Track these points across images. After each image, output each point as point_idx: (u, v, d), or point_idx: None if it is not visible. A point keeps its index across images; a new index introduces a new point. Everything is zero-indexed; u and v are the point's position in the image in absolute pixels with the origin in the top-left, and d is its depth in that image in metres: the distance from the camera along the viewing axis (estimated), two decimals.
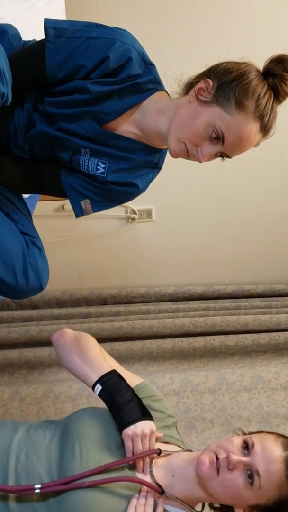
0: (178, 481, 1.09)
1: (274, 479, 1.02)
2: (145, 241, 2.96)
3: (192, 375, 2.27)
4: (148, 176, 1.37)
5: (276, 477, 1.02)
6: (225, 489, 1.03)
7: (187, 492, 1.08)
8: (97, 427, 1.10)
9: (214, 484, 1.03)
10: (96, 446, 1.06)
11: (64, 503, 0.99)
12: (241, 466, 1.03)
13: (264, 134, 1.17)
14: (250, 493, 1.02)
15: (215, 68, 1.18)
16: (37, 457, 1.06)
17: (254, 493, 1.02)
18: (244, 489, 1.02)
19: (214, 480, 1.03)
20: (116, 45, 1.17)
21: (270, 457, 1.03)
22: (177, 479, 1.09)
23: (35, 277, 1.35)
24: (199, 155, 1.17)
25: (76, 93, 1.23)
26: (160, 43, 2.51)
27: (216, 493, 1.05)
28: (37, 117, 1.30)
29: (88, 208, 1.40)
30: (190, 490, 1.08)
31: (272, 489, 1.02)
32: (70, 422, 1.13)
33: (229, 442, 1.07)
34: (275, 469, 1.02)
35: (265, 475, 1.01)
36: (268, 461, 1.02)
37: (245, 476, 1.02)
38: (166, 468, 1.11)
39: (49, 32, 1.19)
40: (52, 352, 2.39)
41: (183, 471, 1.09)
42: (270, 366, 2.34)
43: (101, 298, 2.87)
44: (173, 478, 1.09)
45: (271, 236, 2.97)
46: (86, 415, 1.14)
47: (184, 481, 1.08)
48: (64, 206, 2.75)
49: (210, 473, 1.03)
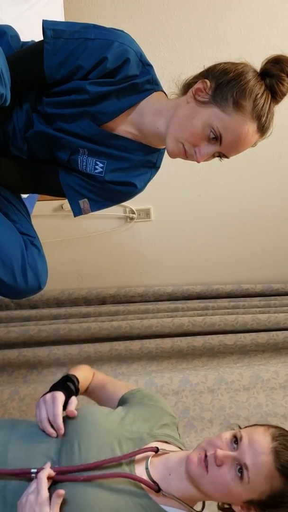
0: (174, 479, 1.08)
1: (263, 472, 0.99)
2: (143, 240, 2.96)
3: (191, 375, 2.27)
4: (146, 176, 1.38)
5: (265, 469, 0.99)
6: (215, 486, 1.01)
7: (183, 490, 1.07)
8: (96, 424, 1.11)
9: (204, 482, 1.02)
10: (95, 443, 1.07)
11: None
12: (229, 461, 1.01)
13: (261, 134, 1.18)
14: (241, 488, 1.00)
15: (213, 68, 1.19)
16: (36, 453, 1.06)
17: (245, 487, 0.99)
18: (234, 485, 1.00)
19: (204, 477, 1.01)
20: (114, 46, 1.17)
21: (258, 449, 1.00)
22: (173, 477, 1.08)
23: (34, 277, 1.36)
24: (197, 155, 1.18)
25: (74, 94, 1.23)
26: (158, 43, 2.52)
27: (208, 490, 1.03)
28: (36, 118, 1.31)
29: (87, 208, 1.41)
30: (185, 488, 1.07)
31: (262, 482, 0.99)
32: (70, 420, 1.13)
33: (218, 438, 1.06)
34: (262, 461, 0.99)
35: (253, 468, 0.98)
36: (255, 453, 0.99)
37: (234, 471, 1.00)
38: (163, 466, 1.10)
39: (47, 33, 1.19)
40: (51, 352, 2.40)
41: (178, 469, 1.08)
42: (269, 366, 2.34)
43: (100, 298, 2.88)
44: (169, 477, 1.08)
45: (270, 236, 2.97)
46: (86, 413, 1.14)
47: (179, 480, 1.07)
48: (62, 206, 2.75)
49: (199, 471, 1.02)
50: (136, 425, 1.15)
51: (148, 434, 1.14)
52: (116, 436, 1.10)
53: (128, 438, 1.11)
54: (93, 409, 1.17)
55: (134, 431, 1.13)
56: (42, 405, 1.13)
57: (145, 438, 1.13)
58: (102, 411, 1.17)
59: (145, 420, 1.18)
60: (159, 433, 1.17)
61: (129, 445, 1.10)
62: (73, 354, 2.40)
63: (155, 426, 1.18)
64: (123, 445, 1.09)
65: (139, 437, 1.13)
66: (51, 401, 1.13)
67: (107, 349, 2.43)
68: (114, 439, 1.09)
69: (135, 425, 1.15)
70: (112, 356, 2.44)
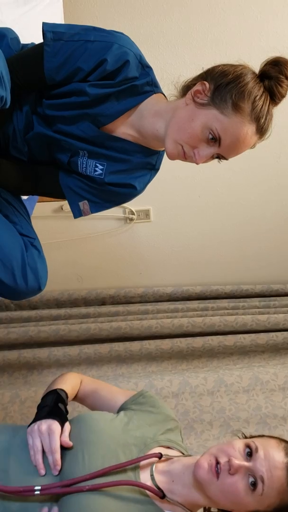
0: (178, 486, 1.08)
1: (276, 486, 1.00)
2: (143, 241, 2.96)
3: (191, 377, 2.27)
4: (146, 178, 1.38)
5: (279, 484, 1.00)
6: (225, 494, 1.01)
7: (186, 497, 1.07)
8: (100, 432, 1.10)
9: (213, 488, 1.02)
10: (99, 451, 1.06)
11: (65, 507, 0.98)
12: (243, 471, 1.01)
13: (260, 136, 1.18)
14: (251, 498, 1.00)
15: (212, 70, 1.19)
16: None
17: (256, 499, 1.00)
18: (245, 494, 1.00)
19: (213, 484, 1.01)
20: (113, 48, 1.17)
21: (273, 463, 1.01)
22: (176, 483, 1.08)
23: (33, 278, 1.36)
24: (196, 157, 1.18)
25: (74, 96, 1.24)
26: (157, 45, 2.52)
27: (215, 497, 1.03)
28: (36, 120, 1.31)
29: (86, 209, 1.41)
30: (188, 495, 1.07)
31: (273, 496, 1.00)
32: (72, 427, 1.13)
33: (230, 446, 1.05)
34: (277, 475, 1.00)
35: (268, 482, 0.99)
36: (271, 467, 1.00)
37: (246, 481, 1.00)
38: (166, 473, 1.10)
39: (47, 35, 1.19)
40: (51, 352, 2.40)
41: (181, 476, 1.08)
42: (268, 367, 2.35)
43: (100, 299, 2.88)
44: (172, 483, 1.08)
45: (269, 237, 2.97)
46: (89, 420, 1.13)
47: (182, 486, 1.08)
48: (62, 207, 2.75)
49: (208, 477, 1.02)
50: (140, 431, 1.15)
51: (152, 439, 1.14)
52: (120, 443, 1.10)
53: (132, 444, 1.11)
54: (96, 416, 1.16)
55: (138, 436, 1.13)
56: (36, 435, 1.07)
57: (148, 443, 1.13)
58: (106, 417, 1.16)
59: (149, 425, 1.18)
60: (162, 439, 1.17)
61: (133, 451, 1.10)
62: (73, 355, 2.41)
63: (158, 432, 1.18)
64: (127, 451, 1.09)
65: (143, 442, 1.13)
66: (47, 433, 1.07)
67: (107, 350, 2.43)
68: (118, 446, 1.09)
69: (139, 431, 1.15)
70: (112, 357, 2.45)
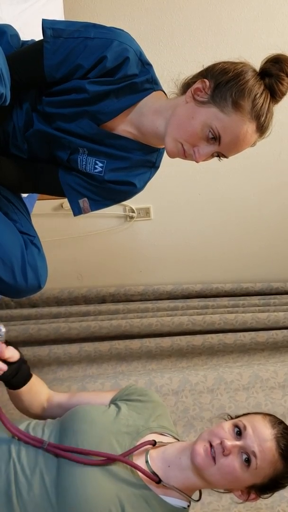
0: (174, 471, 1.11)
1: (268, 457, 1.06)
2: (143, 239, 2.96)
3: (191, 375, 2.27)
4: (146, 175, 1.38)
5: (270, 454, 1.06)
6: (223, 475, 1.06)
7: (184, 480, 1.11)
8: (92, 422, 1.12)
9: (212, 472, 1.06)
10: (93, 440, 1.08)
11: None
12: (236, 450, 1.07)
13: (260, 134, 1.18)
14: (247, 474, 1.06)
15: (212, 68, 1.18)
16: (37, 453, 1.08)
17: (251, 473, 1.06)
18: (242, 472, 1.06)
19: (211, 467, 1.06)
20: (113, 45, 1.17)
21: (262, 436, 1.07)
22: (172, 469, 1.11)
23: (33, 276, 1.36)
24: (196, 155, 1.18)
25: (73, 93, 1.23)
26: (158, 42, 2.51)
27: (214, 479, 1.08)
28: (36, 117, 1.31)
29: (86, 207, 1.41)
30: (186, 479, 1.10)
31: (267, 467, 1.07)
32: (68, 418, 1.15)
33: (220, 428, 1.10)
34: (268, 447, 1.07)
35: (260, 455, 1.06)
36: (260, 441, 1.07)
37: (241, 459, 1.06)
38: (161, 459, 1.13)
39: (47, 32, 1.19)
40: (51, 350, 2.40)
41: (177, 461, 1.11)
42: (268, 365, 2.34)
43: (100, 297, 2.87)
44: (168, 469, 1.11)
45: (269, 234, 2.97)
46: (82, 412, 1.16)
47: (179, 470, 1.11)
48: (62, 205, 2.75)
49: (206, 462, 1.06)
50: (132, 419, 1.17)
51: (144, 427, 1.17)
52: (113, 431, 1.12)
53: (124, 433, 1.13)
54: (88, 408, 1.18)
55: (130, 424, 1.16)
56: None
57: (141, 430, 1.16)
58: (98, 408, 1.18)
59: (139, 413, 1.21)
60: (155, 425, 1.20)
61: (126, 439, 1.12)
62: (73, 353, 2.40)
63: (150, 419, 1.21)
64: (120, 440, 1.11)
65: (136, 430, 1.15)
66: None
67: (107, 348, 2.43)
68: (111, 435, 1.11)
69: (130, 419, 1.17)
70: (112, 354, 2.44)
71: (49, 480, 1.04)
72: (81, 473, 1.03)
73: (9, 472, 1.05)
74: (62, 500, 1.01)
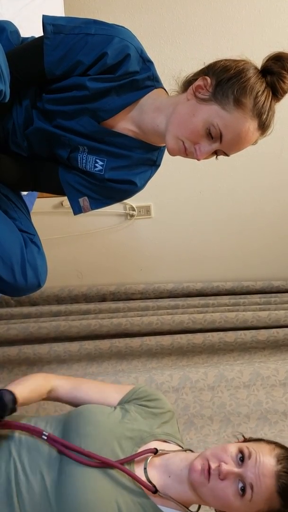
0: (174, 482, 1.09)
1: (265, 494, 1.02)
2: (144, 237, 2.95)
3: (191, 372, 2.27)
4: (146, 174, 1.37)
5: (267, 492, 1.02)
6: (215, 497, 1.04)
7: (182, 493, 1.09)
8: (97, 424, 1.11)
9: (204, 490, 1.04)
10: (96, 444, 1.07)
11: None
12: (232, 477, 1.03)
13: (262, 132, 1.17)
14: (240, 503, 1.02)
15: (213, 65, 1.18)
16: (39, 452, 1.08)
17: (244, 504, 1.02)
18: (234, 499, 1.02)
19: (204, 486, 1.04)
20: (114, 41, 1.16)
21: (263, 471, 1.03)
22: (172, 480, 1.10)
23: (33, 275, 1.35)
24: (197, 153, 1.17)
25: (74, 90, 1.22)
26: (159, 40, 2.50)
27: (206, 498, 1.06)
28: (35, 114, 1.30)
29: (86, 206, 1.40)
30: (183, 492, 1.09)
31: (262, 502, 1.02)
32: (71, 419, 1.14)
33: (223, 450, 1.07)
34: (266, 483, 1.02)
35: (257, 489, 1.02)
36: (261, 476, 1.02)
37: (236, 487, 1.02)
38: (162, 468, 1.11)
39: (47, 28, 1.18)
40: (51, 349, 2.39)
41: (179, 473, 1.10)
42: (269, 363, 2.34)
43: (100, 295, 2.87)
44: (169, 479, 1.10)
45: (270, 233, 2.97)
46: (87, 413, 1.15)
47: (179, 483, 1.09)
48: (62, 203, 2.74)
49: (200, 480, 1.04)
50: (137, 424, 1.16)
51: (148, 433, 1.15)
52: (117, 435, 1.11)
53: (128, 437, 1.12)
54: (94, 409, 1.17)
55: (134, 429, 1.14)
56: None
57: (145, 437, 1.14)
58: (103, 410, 1.17)
59: (145, 418, 1.19)
60: (159, 432, 1.18)
61: (129, 444, 1.11)
62: (73, 351, 2.40)
63: (155, 425, 1.19)
64: (123, 444, 1.10)
65: (140, 436, 1.14)
66: None
67: (107, 346, 2.43)
68: (115, 439, 1.10)
69: (135, 423, 1.16)
70: (112, 353, 2.44)
71: (50, 480, 1.03)
72: (81, 475, 1.02)
73: (9, 471, 1.05)
74: (61, 501, 1.00)
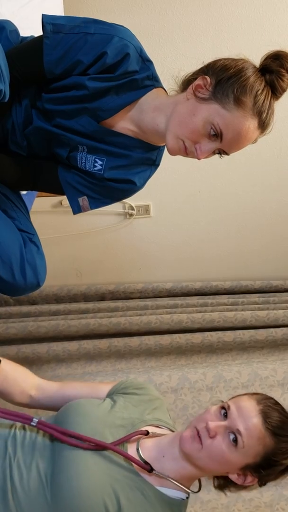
0: (169, 460, 1.10)
1: (255, 434, 1.04)
2: (143, 237, 2.95)
3: (190, 373, 2.27)
4: (146, 173, 1.37)
5: (257, 431, 1.04)
6: (212, 457, 1.05)
7: (179, 470, 1.09)
8: (87, 415, 1.12)
9: (200, 456, 1.05)
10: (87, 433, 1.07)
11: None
12: (222, 431, 1.05)
13: (262, 131, 1.17)
14: (236, 454, 1.04)
15: (213, 64, 1.18)
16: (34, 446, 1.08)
17: (240, 453, 1.04)
18: (230, 452, 1.04)
19: (199, 451, 1.05)
20: (113, 40, 1.16)
21: (246, 413, 1.06)
22: (167, 459, 1.10)
23: (32, 274, 1.35)
24: (197, 152, 1.17)
25: (73, 90, 1.22)
26: (158, 39, 2.50)
27: (205, 464, 1.07)
28: (35, 114, 1.30)
29: (86, 205, 1.40)
30: (181, 468, 1.09)
31: (255, 444, 1.04)
32: (62, 414, 1.15)
33: (206, 413, 1.10)
34: (253, 423, 1.05)
35: (246, 432, 1.04)
36: (245, 418, 1.05)
37: (228, 440, 1.05)
38: (156, 449, 1.12)
39: (47, 28, 1.18)
40: (50, 348, 2.39)
41: (171, 450, 1.11)
42: (267, 363, 2.34)
43: (99, 294, 2.87)
44: (163, 459, 1.10)
45: (269, 232, 2.97)
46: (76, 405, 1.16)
47: (173, 460, 1.10)
48: (62, 202, 2.74)
49: (194, 447, 1.05)
50: (127, 412, 1.17)
51: (139, 419, 1.17)
52: (107, 424, 1.12)
53: (119, 425, 1.13)
54: (83, 401, 1.18)
55: (125, 417, 1.15)
56: None
57: (136, 423, 1.15)
58: (92, 402, 1.18)
59: (135, 406, 1.20)
60: (150, 418, 1.19)
61: (120, 432, 1.12)
62: (72, 350, 2.40)
63: (145, 411, 1.20)
64: (114, 432, 1.11)
65: (131, 423, 1.15)
66: None
67: (106, 345, 2.43)
68: (105, 427, 1.11)
69: (125, 412, 1.17)
70: (111, 352, 2.44)
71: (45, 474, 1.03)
72: (75, 458, 1.02)
73: (5, 467, 1.05)
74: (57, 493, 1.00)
